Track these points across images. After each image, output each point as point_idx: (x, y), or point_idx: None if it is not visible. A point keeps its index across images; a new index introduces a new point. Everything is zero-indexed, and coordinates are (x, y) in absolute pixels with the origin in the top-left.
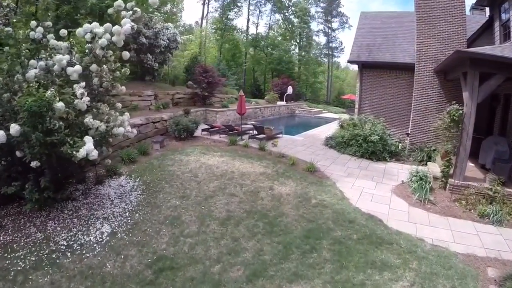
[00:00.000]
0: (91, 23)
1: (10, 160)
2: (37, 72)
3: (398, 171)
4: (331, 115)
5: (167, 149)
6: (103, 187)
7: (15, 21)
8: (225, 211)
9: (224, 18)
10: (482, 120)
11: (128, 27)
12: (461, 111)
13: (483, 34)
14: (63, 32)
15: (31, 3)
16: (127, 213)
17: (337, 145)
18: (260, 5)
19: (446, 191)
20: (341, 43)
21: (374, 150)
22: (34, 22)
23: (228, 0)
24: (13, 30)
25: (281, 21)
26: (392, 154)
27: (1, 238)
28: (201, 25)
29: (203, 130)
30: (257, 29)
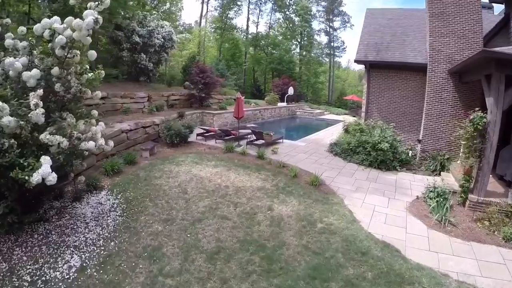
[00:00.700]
0: (51, 17)
1: None
2: None
3: (410, 183)
4: (333, 116)
5: (157, 157)
6: (81, 205)
7: None
8: (215, 240)
9: (223, 17)
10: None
11: (91, 21)
12: (485, 119)
13: (499, 33)
14: (21, 30)
15: None
16: (101, 241)
17: (343, 152)
18: (260, 3)
19: (466, 207)
20: (343, 43)
21: (383, 159)
22: None
23: None
24: None
25: (281, 20)
26: (403, 163)
27: None
28: (200, 24)
29: (198, 134)
30: (257, 28)
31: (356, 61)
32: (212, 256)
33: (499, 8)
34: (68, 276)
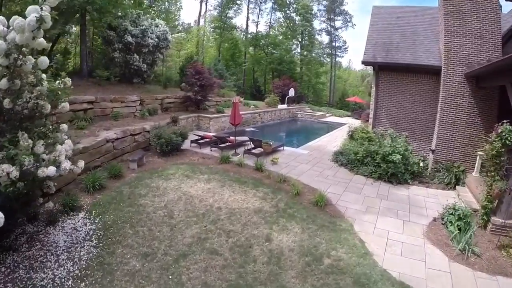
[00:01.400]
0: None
1: None
2: None
3: (424, 200)
4: (335, 119)
5: (146, 168)
6: (55, 230)
7: None
8: (201, 284)
9: (223, 17)
10: None
11: (32, 20)
12: None
13: None
14: None
15: None
16: (70, 281)
17: (349, 163)
18: (260, 3)
19: (487, 231)
20: (345, 42)
21: (394, 172)
22: None
23: None
24: None
25: (282, 19)
26: (414, 175)
27: None
28: (199, 24)
29: (192, 141)
30: (257, 27)
31: (364, 63)
32: None
33: (507, 7)
34: None
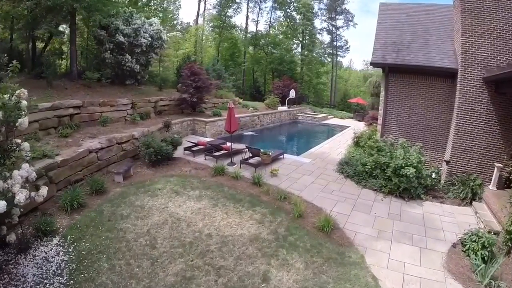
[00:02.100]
0: None
1: None
2: None
3: (440, 219)
4: (338, 121)
5: (132, 181)
6: (25, 260)
7: None
8: None
9: (222, 15)
10: None
11: None
12: None
13: None
14: None
15: None
16: None
17: (356, 175)
18: (260, 1)
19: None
20: (347, 42)
21: (407, 187)
22: None
23: None
24: None
25: (282, 18)
26: (427, 189)
27: None
28: (197, 23)
29: (185, 148)
30: (256, 26)
31: (373, 64)
32: None
33: None
34: None
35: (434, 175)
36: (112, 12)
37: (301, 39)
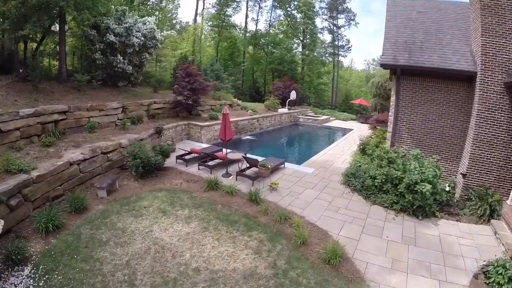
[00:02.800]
0: None
1: None
2: None
3: (458, 241)
4: (340, 123)
5: (117, 196)
6: None
7: None
8: None
9: (221, 14)
10: None
11: None
12: None
13: None
14: None
15: None
16: None
17: (364, 188)
18: (260, 0)
19: None
20: (348, 41)
21: (422, 205)
22: None
23: None
24: None
25: (282, 17)
26: (442, 205)
27: None
28: (195, 22)
29: (177, 157)
30: (256, 26)
31: (383, 65)
32: None
33: None
34: None
35: (448, 188)
36: (102, 10)
37: (302, 38)
